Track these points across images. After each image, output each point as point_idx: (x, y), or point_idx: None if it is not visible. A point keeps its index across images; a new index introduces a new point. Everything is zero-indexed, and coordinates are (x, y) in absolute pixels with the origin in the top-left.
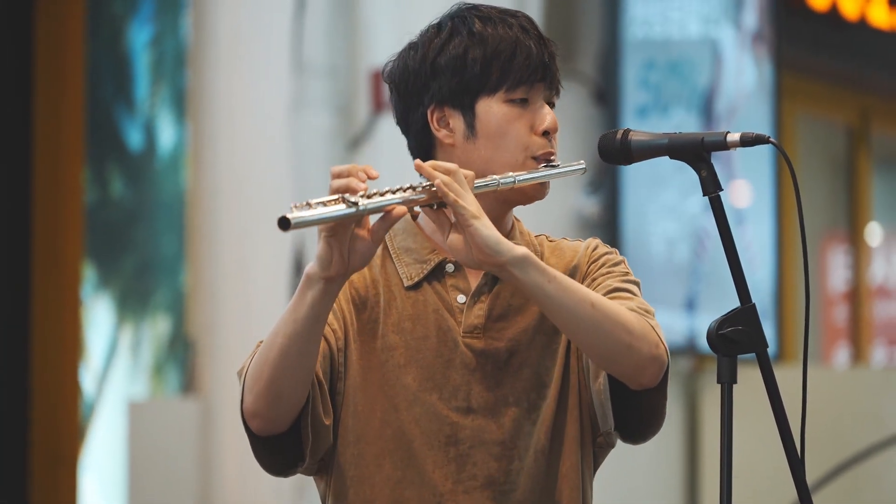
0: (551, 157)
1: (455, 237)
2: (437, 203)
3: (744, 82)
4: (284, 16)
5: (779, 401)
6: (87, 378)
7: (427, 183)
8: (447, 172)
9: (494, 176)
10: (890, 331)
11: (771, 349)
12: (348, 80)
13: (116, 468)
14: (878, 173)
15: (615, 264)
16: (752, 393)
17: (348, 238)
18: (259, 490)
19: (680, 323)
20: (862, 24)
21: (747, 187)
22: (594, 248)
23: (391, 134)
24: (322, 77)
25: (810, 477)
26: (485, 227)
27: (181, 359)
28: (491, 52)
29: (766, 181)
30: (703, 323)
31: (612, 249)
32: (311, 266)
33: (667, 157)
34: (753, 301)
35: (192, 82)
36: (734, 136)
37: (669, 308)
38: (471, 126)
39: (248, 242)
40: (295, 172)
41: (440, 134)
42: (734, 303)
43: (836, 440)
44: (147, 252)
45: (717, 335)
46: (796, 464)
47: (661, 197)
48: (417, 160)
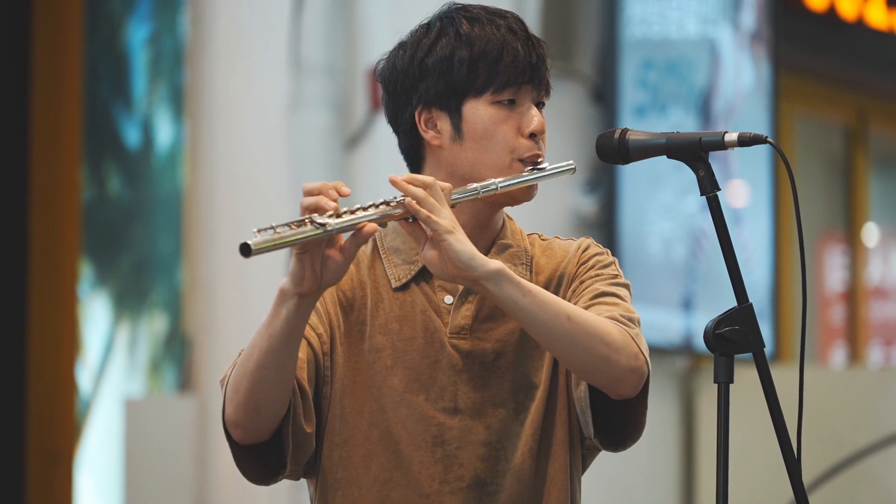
0: (538, 160)
1: (430, 251)
2: (413, 216)
3: (742, 82)
4: (282, 14)
5: (775, 401)
6: (84, 375)
7: (402, 197)
8: (423, 186)
9: (475, 185)
10: (886, 331)
11: (768, 349)
12: (346, 78)
13: (113, 466)
14: (875, 174)
15: (605, 266)
16: (748, 393)
17: (320, 255)
18: (255, 488)
19: (676, 322)
20: (860, 25)
21: (745, 187)
22: (585, 249)
23: (389, 133)
24: (320, 76)
25: (806, 477)
26: (458, 241)
27: (178, 356)
28: (477, 54)
29: (763, 181)
30: (699, 322)
31: (604, 250)
32: (284, 282)
33: (664, 157)
34: (750, 301)
35: (190, 80)
36: (732, 136)
37: (666, 307)
38: (457, 128)
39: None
40: (292, 171)
41: (427, 135)
42: (731, 302)
43: (832, 440)
44: (144, 250)
45: (714, 335)
46: (792, 464)
47: (658, 196)
48: (392, 175)
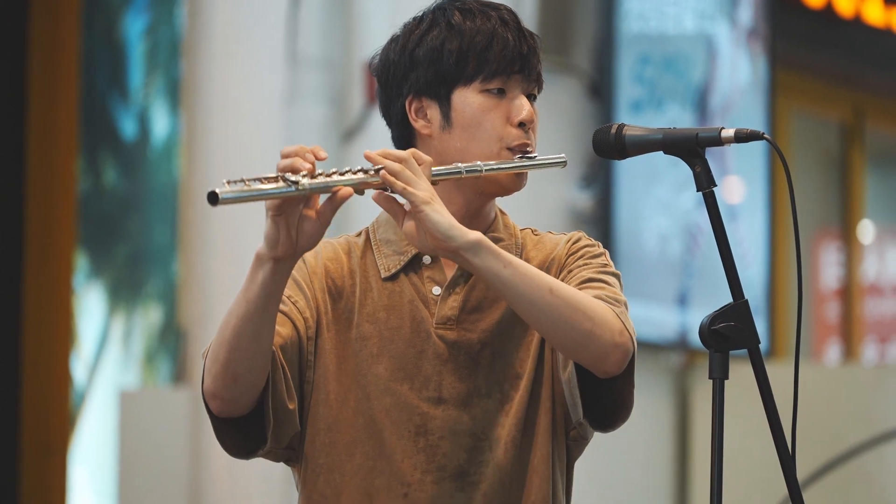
0: (527, 149)
1: (409, 224)
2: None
3: (738, 78)
4: (279, 7)
5: (770, 397)
6: (79, 367)
7: (379, 166)
8: (398, 160)
9: (459, 164)
10: (881, 328)
11: (763, 345)
12: (342, 72)
13: (107, 458)
14: (871, 170)
15: (594, 256)
16: (743, 389)
17: (296, 218)
18: (249, 480)
19: (672, 318)
20: (857, 22)
21: (741, 183)
22: (575, 241)
23: (385, 126)
24: (316, 69)
25: (801, 473)
26: (435, 212)
27: (173, 349)
28: (467, 43)
29: (759, 177)
30: (694, 318)
31: (595, 242)
32: (259, 246)
33: (661, 153)
34: (746, 297)
35: (187, 72)
36: (728, 132)
37: (661, 303)
38: (447, 116)
39: (240, 233)
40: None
41: (418, 125)
42: (726, 298)
43: (826, 437)
44: (140, 242)
45: (710, 331)
46: (787, 460)
47: (654, 192)
48: (366, 150)
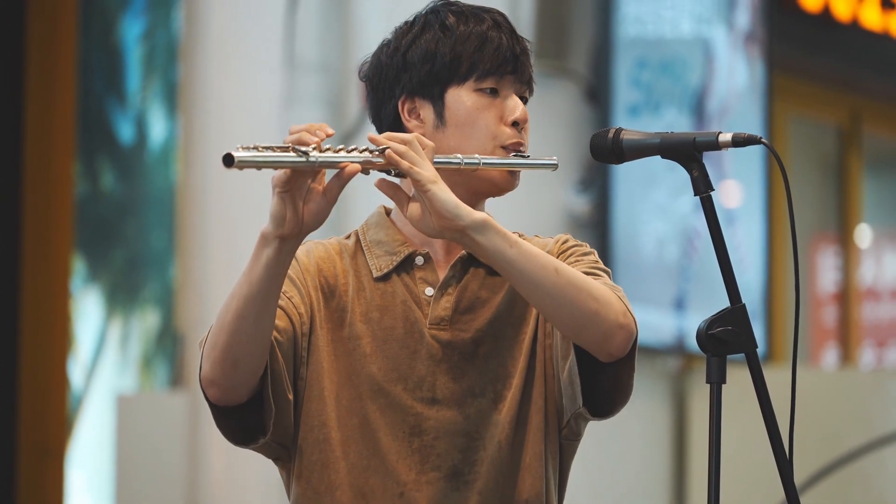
0: (520, 148)
1: (414, 206)
2: (395, 171)
3: (736, 82)
4: (277, 11)
5: (767, 401)
6: (76, 371)
7: (385, 147)
8: (403, 142)
9: (458, 155)
10: (879, 332)
11: (760, 350)
12: (340, 76)
13: (104, 461)
14: (868, 175)
15: (584, 254)
16: (740, 393)
17: (303, 194)
18: (247, 484)
19: (669, 322)
20: (854, 26)
21: (738, 187)
22: (564, 242)
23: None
24: (314, 73)
25: (798, 478)
26: (442, 191)
27: (170, 352)
28: (461, 44)
29: (756, 182)
30: (692, 323)
31: (583, 243)
32: (265, 226)
33: (658, 157)
34: (743, 301)
35: (184, 76)
36: (726, 137)
37: (659, 307)
38: (440, 115)
39: (237, 237)
40: None
41: (410, 125)
42: (724, 303)
43: (824, 441)
44: (137, 246)
45: (707, 335)
46: (784, 464)
47: (651, 196)
48: (371, 133)
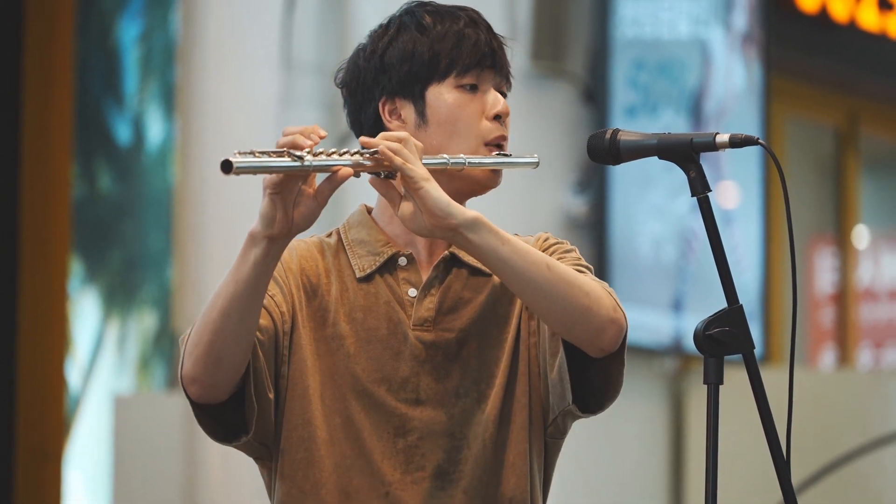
0: (503, 142)
1: (405, 205)
2: (386, 173)
3: (733, 84)
4: (274, 13)
5: (765, 402)
6: (73, 372)
7: (376, 149)
8: (398, 140)
9: (444, 155)
10: (876, 333)
11: (757, 350)
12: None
13: (102, 463)
14: (865, 176)
15: (567, 251)
16: (738, 394)
17: (293, 196)
18: (243, 485)
19: (666, 323)
20: (851, 27)
21: (735, 188)
22: (545, 240)
23: None
24: (311, 74)
25: (796, 479)
26: (434, 189)
27: (167, 354)
28: (438, 42)
29: (754, 183)
30: (689, 323)
31: (564, 241)
32: (254, 225)
33: (655, 158)
34: (740, 302)
35: (181, 78)
36: (723, 137)
37: (656, 308)
38: (422, 114)
39: (235, 238)
40: None
41: (392, 126)
42: (721, 304)
43: (821, 442)
44: (134, 247)
45: (704, 336)
46: (782, 465)
47: (648, 197)
48: (363, 136)
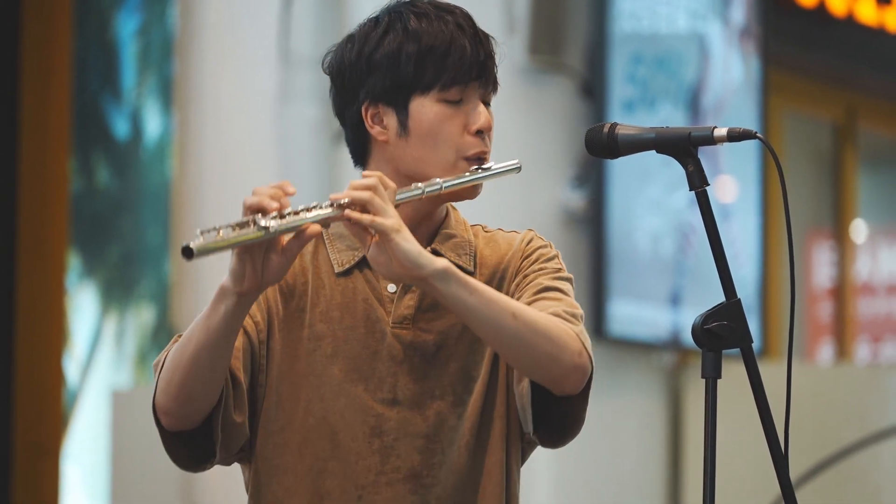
0: (483, 157)
1: (375, 250)
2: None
3: (731, 78)
4: (272, 7)
5: (763, 396)
6: (71, 367)
7: (346, 200)
8: (367, 188)
9: (419, 184)
10: (874, 328)
11: (755, 345)
12: None
13: (100, 457)
14: (863, 170)
15: (548, 259)
16: (736, 388)
17: (261, 255)
18: (240, 479)
19: (664, 317)
20: (849, 21)
21: (733, 183)
22: (528, 242)
23: None
24: (309, 68)
25: (793, 473)
26: (405, 240)
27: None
28: (425, 50)
29: (752, 177)
30: (687, 318)
31: (547, 242)
32: (224, 279)
33: (653, 152)
34: (738, 296)
35: (179, 72)
36: (721, 132)
37: (654, 303)
38: (403, 124)
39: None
40: (281, 163)
41: (374, 131)
42: (719, 298)
43: (819, 436)
44: (132, 241)
45: (702, 330)
46: (780, 460)
47: (646, 191)
48: (332, 194)
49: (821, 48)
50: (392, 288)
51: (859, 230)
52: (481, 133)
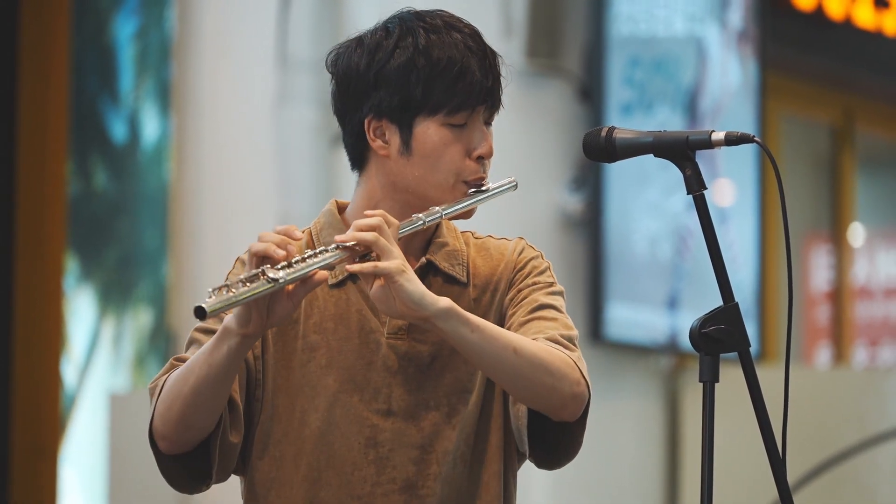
0: (482, 183)
1: (379, 289)
2: (360, 256)
3: (728, 81)
4: (269, 10)
5: (760, 400)
6: (69, 370)
7: (350, 243)
8: (371, 229)
9: (420, 215)
10: (871, 331)
11: (753, 348)
12: None
13: (97, 460)
14: (861, 174)
15: (541, 272)
16: (734, 392)
17: (267, 299)
18: (237, 482)
19: (662, 321)
20: (847, 25)
21: (731, 186)
22: (520, 252)
23: None
24: (306, 72)
25: (791, 476)
26: (409, 282)
27: (163, 351)
28: (434, 72)
29: (749, 180)
30: (684, 321)
31: (538, 252)
32: (229, 319)
33: (651, 156)
34: (736, 300)
35: (177, 75)
36: (719, 135)
37: (651, 306)
38: (406, 143)
39: (230, 236)
40: (279, 167)
41: (375, 144)
42: (716, 301)
43: (817, 440)
44: (130, 244)
45: (700, 334)
46: (777, 463)
47: (644, 195)
48: (337, 237)
49: (818, 51)
50: None
51: (857, 234)
52: (482, 159)
